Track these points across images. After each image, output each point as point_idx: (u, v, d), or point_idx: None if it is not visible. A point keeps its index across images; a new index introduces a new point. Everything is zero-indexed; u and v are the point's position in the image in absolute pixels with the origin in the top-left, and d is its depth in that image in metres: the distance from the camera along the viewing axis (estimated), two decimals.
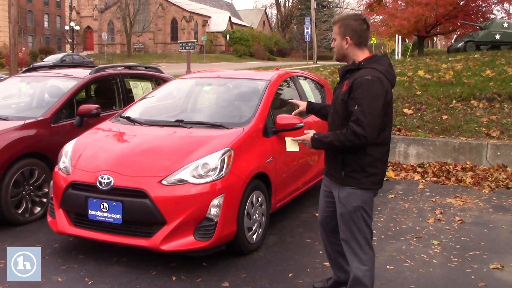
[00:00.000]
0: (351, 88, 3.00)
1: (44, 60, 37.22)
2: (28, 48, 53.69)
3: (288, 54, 67.44)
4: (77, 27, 50.26)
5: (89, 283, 3.84)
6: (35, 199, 5.32)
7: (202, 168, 4.07)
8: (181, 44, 27.19)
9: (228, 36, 65.16)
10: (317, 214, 5.60)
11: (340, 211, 3.18)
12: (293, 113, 4.07)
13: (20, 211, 5.14)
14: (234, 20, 74.10)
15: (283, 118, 4.89)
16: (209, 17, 70.19)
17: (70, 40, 50.27)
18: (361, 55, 3.15)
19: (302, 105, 3.88)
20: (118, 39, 66.27)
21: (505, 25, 22.01)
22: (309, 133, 3.20)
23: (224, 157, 4.16)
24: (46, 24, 67.64)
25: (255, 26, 76.72)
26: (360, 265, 3.18)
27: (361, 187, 3.10)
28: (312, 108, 3.84)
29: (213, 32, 67.73)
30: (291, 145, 3.56)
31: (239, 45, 62.99)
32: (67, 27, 49.83)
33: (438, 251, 4.61)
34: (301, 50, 62.97)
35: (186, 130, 4.65)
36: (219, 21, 70.03)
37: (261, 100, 5.01)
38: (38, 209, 5.34)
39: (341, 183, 3.14)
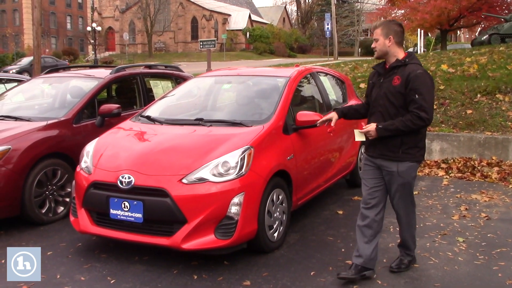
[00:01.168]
0: (408, 81, 3.60)
1: (12, 65, 33.84)
2: (52, 50, 54.53)
3: (308, 51, 67.04)
4: (99, 28, 50.75)
5: (112, 282, 3.86)
6: (58, 199, 5.37)
7: (222, 166, 4.06)
8: (201, 43, 27.28)
9: (248, 33, 65.10)
10: (339, 212, 5.58)
11: (400, 182, 3.78)
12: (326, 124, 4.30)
13: (43, 211, 5.20)
14: (254, 17, 74.01)
15: (303, 115, 4.84)
16: (229, 15, 70.24)
17: (92, 41, 50.85)
18: (401, 53, 3.78)
19: (333, 115, 4.14)
20: (139, 39, 66.79)
21: None
22: (372, 125, 3.71)
23: (244, 155, 4.14)
24: (68, 26, 68.60)
25: (275, 23, 76.48)
26: (414, 215, 4.01)
27: (416, 160, 3.81)
28: (345, 114, 4.19)
29: (233, 30, 67.75)
30: (358, 136, 3.86)
31: (259, 42, 62.85)
32: (89, 28, 50.35)
33: (463, 248, 4.51)
34: (321, 47, 62.53)
35: (205, 129, 4.64)
36: (239, 19, 70.03)
37: (281, 97, 4.97)
38: (61, 208, 5.39)
39: (399, 159, 3.74)
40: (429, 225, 5.15)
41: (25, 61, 34.01)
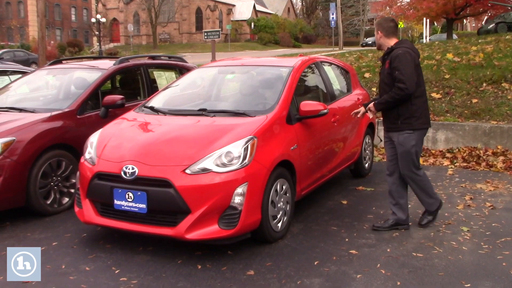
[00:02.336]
0: (391, 62, 4.38)
1: None
2: (57, 42, 54.56)
3: (313, 41, 66.81)
4: (103, 19, 50.71)
5: (116, 272, 3.88)
6: (63, 190, 5.40)
7: (225, 156, 4.06)
8: (205, 34, 27.25)
9: (253, 24, 64.89)
10: (343, 202, 5.59)
11: (400, 151, 4.48)
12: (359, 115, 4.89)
13: (48, 202, 5.23)
14: (258, 8, 73.73)
15: (307, 105, 4.83)
16: (234, 5, 70.01)
17: (96, 33, 50.82)
18: (392, 42, 4.57)
19: (361, 109, 4.82)
20: (144, 30, 66.75)
21: None
22: (370, 104, 4.59)
23: (248, 145, 4.13)
24: (73, 17, 68.58)
25: (280, 14, 76.19)
26: (419, 182, 4.58)
27: (415, 129, 4.42)
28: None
29: (238, 20, 67.56)
30: (370, 114, 4.70)
31: (264, 33, 62.65)
32: (93, 20, 50.32)
33: (467, 237, 4.50)
34: (326, 37, 62.28)
35: (209, 119, 4.64)
36: (243, 9, 69.79)
37: (284, 87, 4.95)
38: (66, 199, 5.42)
39: (398, 129, 4.45)
40: None
41: None
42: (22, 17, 62.47)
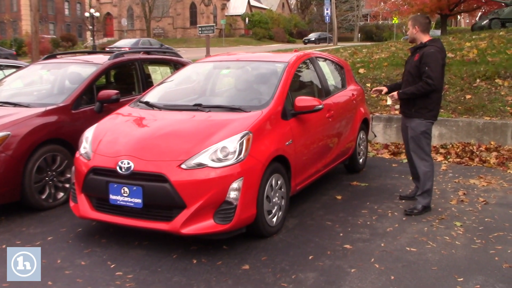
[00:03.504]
0: (422, 57, 4.85)
1: None
2: (50, 36, 54.22)
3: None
4: (97, 14, 50.43)
5: (112, 266, 3.90)
6: (58, 185, 5.39)
7: (221, 151, 4.07)
8: (200, 28, 27.14)
9: (247, 19, 64.74)
10: (338, 197, 5.62)
11: (411, 135, 5.09)
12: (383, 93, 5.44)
13: (43, 197, 5.22)
14: (253, 3, 73.53)
15: (302, 100, 4.85)
16: (228, 0, 69.79)
17: (90, 27, 50.52)
18: (425, 38, 5.02)
19: (383, 87, 5.43)
20: (138, 25, 66.41)
21: None
22: (394, 93, 5.07)
23: (243, 140, 4.14)
24: (66, 12, 68.17)
25: (274, 9, 75.99)
26: (424, 166, 5.07)
27: (425, 118, 4.99)
28: (392, 88, 5.37)
29: (232, 15, 67.42)
30: (388, 100, 5.24)
31: (259, 28, 62.54)
32: (87, 14, 50.01)
33: (461, 232, 4.54)
34: (321, 32, 62.21)
35: (204, 114, 4.65)
36: (238, 4, 69.62)
37: (279, 82, 4.96)
38: (61, 194, 5.41)
39: (411, 116, 5.05)
40: None
41: None
42: (15, 11, 62.02)
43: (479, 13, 34.23)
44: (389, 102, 5.26)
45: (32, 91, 6.47)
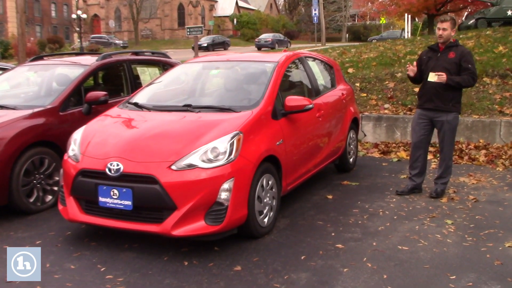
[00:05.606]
0: (461, 55, 5.22)
1: None
2: (36, 38, 53.75)
3: (296, 37, 66.68)
4: (84, 16, 50.05)
5: (102, 269, 3.84)
6: (46, 188, 5.32)
7: (211, 152, 4.04)
8: (188, 29, 27.03)
9: (235, 20, 64.70)
10: (329, 196, 5.60)
11: (447, 128, 5.35)
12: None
13: (31, 200, 5.15)
14: (241, 3, 73.51)
15: (292, 100, 4.84)
16: (216, 1, 69.74)
17: (77, 29, 50.15)
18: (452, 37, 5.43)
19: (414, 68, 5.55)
20: (125, 26, 66.10)
21: None
22: (444, 74, 5.16)
23: (233, 140, 4.12)
24: (53, 14, 67.59)
25: (263, 9, 76.06)
26: (451, 159, 5.57)
27: (459, 111, 5.43)
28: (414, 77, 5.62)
29: (220, 16, 67.34)
30: (431, 77, 5.23)
31: (247, 29, 62.52)
32: (74, 16, 49.62)
33: (452, 230, 4.55)
34: (309, 33, 62.26)
35: (194, 115, 4.61)
36: (226, 5, 69.55)
37: (269, 82, 4.94)
38: (50, 197, 5.34)
39: (449, 110, 5.31)
40: (418, 208, 5.19)
41: None
42: (0, 13, 61.41)
43: (466, 13, 34.53)
44: (432, 78, 5.22)
45: (19, 93, 6.39)
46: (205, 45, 44.57)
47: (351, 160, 6.81)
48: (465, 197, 5.51)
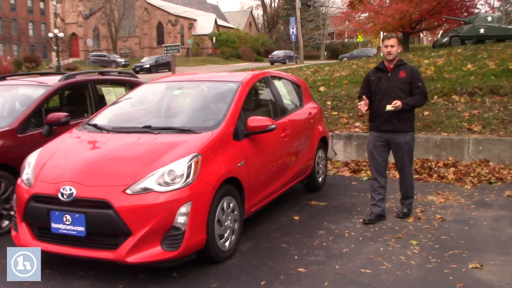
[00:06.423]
0: (411, 74, 5.19)
1: None
2: (13, 57, 53.15)
3: None
4: (61, 34, 49.69)
5: None
6: (2, 212, 5.14)
7: (168, 175, 3.93)
8: (165, 48, 26.93)
9: (214, 38, 64.87)
10: (295, 217, 5.51)
11: (407, 148, 5.29)
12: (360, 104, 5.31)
13: None
14: (220, 22, 73.86)
15: (255, 121, 4.77)
16: (195, 20, 69.92)
17: (55, 48, 49.82)
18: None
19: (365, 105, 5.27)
20: (104, 45, 65.78)
21: (489, 19, 22.06)
22: (398, 101, 5.05)
23: (191, 163, 4.01)
24: (31, 32, 67.03)
25: (242, 28, 76.50)
26: (412, 177, 5.53)
27: (414, 131, 5.42)
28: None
29: (200, 35, 67.45)
30: (389, 108, 5.11)
31: (226, 47, 62.70)
32: (51, 35, 49.28)
33: (416, 251, 4.49)
34: (289, 50, 62.81)
35: (153, 136, 4.49)
36: (205, 23, 69.76)
37: (231, 102, 4.86)
38: (6, 222, 5.16)
39: (406, 130, 5.25)
40: (384, 229, 5.12)
41: None
42: None
43: (441, 31, 35.14)
44: (389, 109, 5.11)
45: None
46: (147, 66, 41.63)
47: (320, 179, 6.74)
48: (432, 216, 5.47)
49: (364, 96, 5.28)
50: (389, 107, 5.10)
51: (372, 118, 5.39)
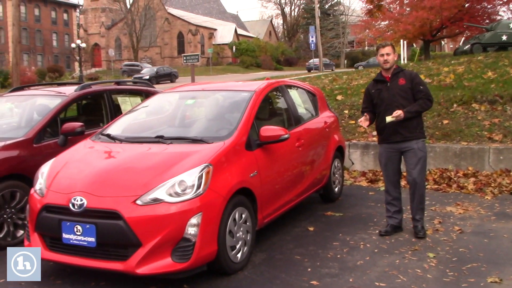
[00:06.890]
0: (411, 79, 5.03)
1: None
2: (37, 67, 54.13)
3: (295, 63, 67.13)
4: (84, 45, 50.50)
5: None
6: (17, 222, 5.17)
7: (179, 185, 3.90)
8: (185, 58, 27.24)
9: (234, 47, 65.21)
10: (310, 228, 5.43)
11: (419, 156, 5.04)
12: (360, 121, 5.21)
13: (1, 235, 5.00)
14: (240, 31, 74.27)
15: (267, 130, 4.72)
16: (215, 29, 70.43)
17: (78, 58, 50.61)
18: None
19: (366, 121, 5.16)
20: (126, 55, 66.68)
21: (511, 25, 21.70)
22: (399, 111, 4.87)
23: (202, 173, 3.98)
24: (54, 43, 68.31)
25: (261, 37, 76.77)
26: (425, 186, 5.32)
27: (425, 137, 5.24)
28: (370, 118, 5.24)
29: (220, 44, 67.89)
30: (389, 119, 4.93)
31: (246, 56, 62.92)
32: (74, 45, 50.12)
33: (433, 264, 4.36)
34: (308, 59, 62.70)
35: (165, 146, 4.48)
36: (225, 33, 70.22)
37: (244, 112, 4.83)
38: (21, 232, 5.18)
39: (417, 137, 5.05)
40: (401, 241, 5.01)
41: None
42: (2, 43, 62.06)
43: (463, 38, 34.71)
44: (390, 120, 4.92)
45: None
46: (147, 77, 36.97)
47: (336, 189, 6.64)
48: (450, 228, 5.33)
49: (366, 114, 5.18)
50: (389, 119, 4.92)
51: (380, 131, 5.24)
